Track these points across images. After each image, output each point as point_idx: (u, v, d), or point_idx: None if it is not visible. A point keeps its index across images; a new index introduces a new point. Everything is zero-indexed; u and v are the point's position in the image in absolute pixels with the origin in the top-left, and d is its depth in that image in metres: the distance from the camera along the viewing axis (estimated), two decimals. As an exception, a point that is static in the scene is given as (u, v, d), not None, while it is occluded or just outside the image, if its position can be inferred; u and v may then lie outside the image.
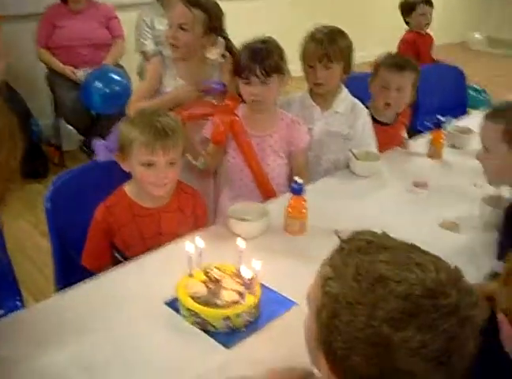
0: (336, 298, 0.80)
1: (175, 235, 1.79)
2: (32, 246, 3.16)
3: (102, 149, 2.33)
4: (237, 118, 2.14)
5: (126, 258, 1.81)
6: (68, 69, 3.83)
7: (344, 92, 2.39)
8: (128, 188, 1.84)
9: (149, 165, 1.73)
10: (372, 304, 0.77)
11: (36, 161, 3.91)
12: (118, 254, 1.85)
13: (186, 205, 1.89)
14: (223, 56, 2.43)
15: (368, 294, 0.78)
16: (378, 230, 0.90)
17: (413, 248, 0.85)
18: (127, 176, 1.85)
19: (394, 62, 2.53)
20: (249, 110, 2.18)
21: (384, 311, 0.76)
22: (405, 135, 2.65)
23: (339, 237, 0.89)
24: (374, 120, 2.51)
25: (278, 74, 2.07)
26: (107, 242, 1.83)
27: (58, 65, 3.87)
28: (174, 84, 2.39)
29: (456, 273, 0.82)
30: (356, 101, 2.41)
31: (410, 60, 2.64)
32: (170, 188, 1.81)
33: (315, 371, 1.19)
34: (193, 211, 1.92)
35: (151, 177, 1.74)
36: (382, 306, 0.76)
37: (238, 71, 2.09)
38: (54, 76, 3.92)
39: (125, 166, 1.81)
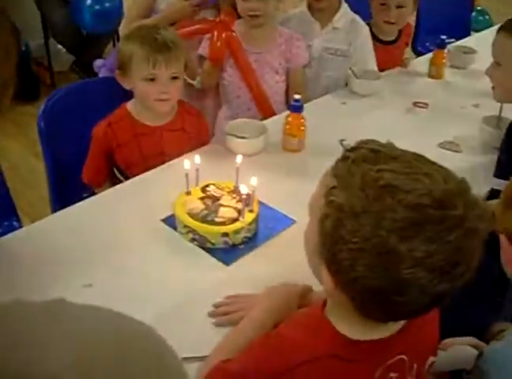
0: (341, 207, 0.78)
1: (177, 156, 1.76)
2: (27, 168, 3.14)
3: (103, 70, 2.29)
4: (234, 34, 2.07)
5: (127, 177, 1.79)
6: None
7: (344, 8, 2.29)
8: (130, 106, 1.78)
9: (151, 80, 1.67)
10: (379, 213, 0.75)
11: (27, 82, 3.82)
12: (118, 173, 1.82)
13: (189, 126, 1.84)
14: None
15: (375, 203, 0.76)
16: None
17: (421, 157, 0.83)
18: (121, 94, 1.79)
19: None
20: (246, 26, 2.11)
21: (391, 221, 0.74)
22: (411, 55, 2.58)
23: (343, 146, 0.85)
24: (375, 38, 2.42)
25: None
26: (107, 159, 1.79)
27: None
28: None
29: (463, 184, 0.80)
30: (356, 17, 2.31)
31: None
32: (173, 104, 1.76)
33: (315, 288, 1.21)
34: (197, 132, 1.87)
35: (153, 92, 1.68)
36: (389, 216, 0.74)
37: None
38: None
39: (126, 84, 1.74)
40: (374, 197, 0.76)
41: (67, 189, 1.94)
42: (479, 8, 4.42)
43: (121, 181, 1.82)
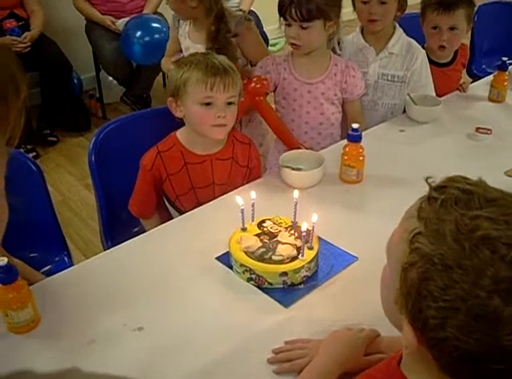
0: (430, 257, 0.68)
1: (227, 186, 1.71)
2: (78, 200, 3.15)
3: None
4: (263, 99, 2.01)
5: (176, 209, 1.74)
6: (107, 19, 3.73)
7: (399, 32, 2.21)
8: (180, 134, 1.74)
9: (207, 104, 1.61)
10: (477, 270, 0.65)
11: (78, 114, 3.88)
12: (168, 203, 1.77)
13: (240, 155, 1.78)
14: (241, 10, 2.34)
15: (472, 258, 0.66)
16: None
17: None
18: (171, 125, 1.75)
19: (440, 1, 2.29)
20: (301, 57, 2.07)
21: (492, 279, 0.64)
22: (466, 78, 2.47)
23: (428, 183, 0.75)
24: (431, 61, 2.33)
25: (321, 19, 1.92)
26: (155, 189, 1.75)
27: (97, 15, 3.77)
28: (185, 43, 2.32)
29: None
30: (412, 41, 2.23)
31: None
32: (227, 130, 1.70)
33: (383, 332, 1.11)
34: (248, 162, 1.81)
35: (210, 117, 1.62)
36: (489, 274, 0.65)
37: (279, 10, 1.96)
38: (93, 27, 3.82)
39: (178, 112, 1.69)
40: (471, 250, 0.66)
41: (118, 220, 1.92)
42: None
43: (170, 212, 1.77)
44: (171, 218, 1.75)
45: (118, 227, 1.91)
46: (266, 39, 3.54)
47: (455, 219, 0.68)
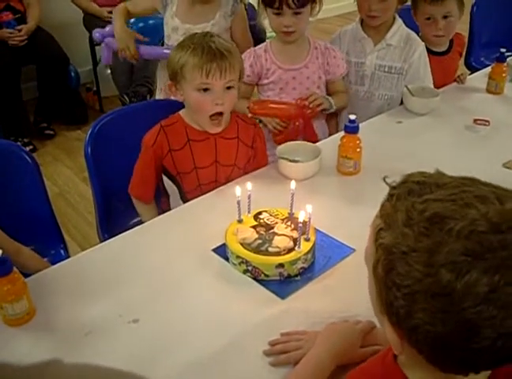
0: (389, 249, 0.69)
1: (232, 166, 1.69)
2: (75, 193, 3.14)
3: (105, 39, 2.46)
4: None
5: (177, 185, 1.72)
6: (105, 11, 3.71)
7: (398, 23, 2.20)
8: (183, 114, 1.72)
9: (205, 90, 1.59)
10: (429, 249, 0.66)
11: (75, 108, 3.87)
12: (168, 179, 1.74)
13: (245, 135, 1.75)
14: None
15: (423, 239, 0.66)
16: (432, 170, 0.78)
17: (471, 181, 0.72)
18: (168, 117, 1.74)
19: None
20: (280, 43, 2.06)
21: (441, 255, 0.65)
22: (464, 69, 2.46)
23: (386, 183, 0.75)
24: (427, 50, 2.29)
25: (311, 3, 1.94)
26: (156, 169, 1.71)
27: (95, 8, 3.76)
28: (173, 23, 2.31)
29: None
30: (411, 32, 2.22)
31: None
32: (226, 118, 1.68)
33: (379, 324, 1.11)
34: (253, 142, 1.78)
35: (207, 103, 1.60)
36: (440, 250, 0.65)
37: (267, 1, 1.94)
38: (91, 20, 3.80)
39: (177, 96, 1.68)
40: (421, 232, 0.67)
41: (115, 213, 1.91)
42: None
43: (168, 195, 1.76)
44: (168, 198, 1.75)
45: (114, 219, 1.90)
46: (264, 31, 3.51)
47: (406, 207, 0.70)
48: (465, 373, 0.72)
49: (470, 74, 2.63)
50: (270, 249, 1.30)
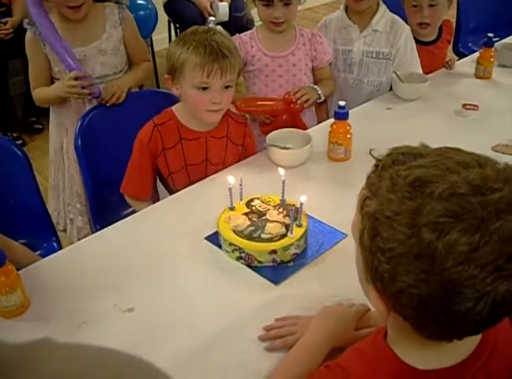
0: (374, 215, 0.71)
1: (221, 165, 1.69)
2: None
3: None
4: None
5: (167, 187, 1.73)
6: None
7: (383, 9, 2.20)
8: (176, 110, 1.71)
9: (204, 88, 1.59)
10: (411, 211, 0.67)
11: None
12: (159, 181, 1.74)
13: (235, 134, 1.76)
14: None
15: (406, 202, 0.68)
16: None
17: (456, 149, 0.74)
18: (158, 108, 1.74)
19: None
20: (267, 31, 2.05)
21: (423, 216, 0.66)
22: (453, 55, 2.46)
23: (372, 155, 0.77)
24: (416, 40, 2.30)
25: None
26: (152, 166, 1.71)
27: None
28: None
29: (507, 170, 0.70)
30: (396, 17, 2.21)
31: None
32: (221, 115, 1.68)
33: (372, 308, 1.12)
34: (244, 140, 1.79)
35: (205, 101, 1.60)
36: (422, 211, 0.66)
37: None
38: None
39: (174, 90, 1.66)
40: (404, 196, 0.68)
41: (107, 205, 1.91)
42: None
43: (158, 193, 1.76)
44: (158, 199, 1.74)
45: (106, 211, 1.90)
46: (251, 21, 3.51)
47: (390, 175, 0.71)
48: (449, 339, 0.73)
49: (458, 60, 2.64)
50: (263, 236, 1.30)
